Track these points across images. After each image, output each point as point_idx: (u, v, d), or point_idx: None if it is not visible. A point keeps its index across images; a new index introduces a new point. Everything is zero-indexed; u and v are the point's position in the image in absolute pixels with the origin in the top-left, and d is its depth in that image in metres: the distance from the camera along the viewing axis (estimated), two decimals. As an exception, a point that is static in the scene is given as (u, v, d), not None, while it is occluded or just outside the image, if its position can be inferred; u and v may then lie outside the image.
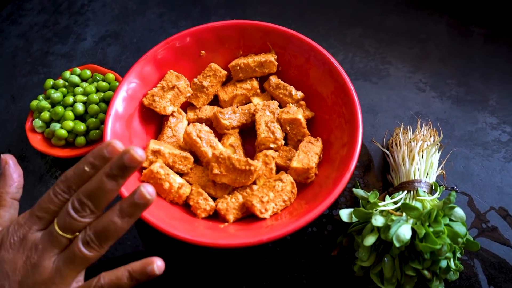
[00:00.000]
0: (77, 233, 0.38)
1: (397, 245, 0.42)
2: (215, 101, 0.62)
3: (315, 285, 0.50)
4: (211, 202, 0.52)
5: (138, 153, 0.35)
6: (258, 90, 0.61)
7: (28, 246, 0.38)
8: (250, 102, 0.60)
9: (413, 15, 0.71)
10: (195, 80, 0.59)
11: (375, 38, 0.69)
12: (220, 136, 0.59)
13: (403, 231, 0.43)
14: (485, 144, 0.59)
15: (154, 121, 0.59)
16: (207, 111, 0.60)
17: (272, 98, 0.60)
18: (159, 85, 0.58)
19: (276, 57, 0.59)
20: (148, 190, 0.36)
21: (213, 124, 0.59)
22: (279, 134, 0.55)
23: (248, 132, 0.59)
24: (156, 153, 0.53)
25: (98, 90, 0.60)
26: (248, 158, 0.51)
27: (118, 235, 0.37)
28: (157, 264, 0.39)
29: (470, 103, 0.62)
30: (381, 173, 0.57)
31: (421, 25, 0.70)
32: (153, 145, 0.53)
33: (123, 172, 0.36)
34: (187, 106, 0.61)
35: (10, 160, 0.45)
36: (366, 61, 0.67)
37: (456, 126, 0.60)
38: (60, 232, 0.37)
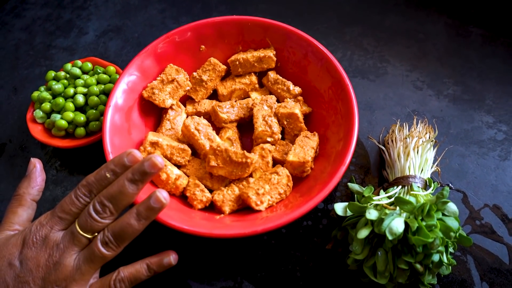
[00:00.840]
0: (96, 234, 0.41)
1: (390, 238, 0.43)
2: (214, 95, 0.63)
3: (309, 278, 0.51)
4: (208, 194, 0.52)
5: (158, 160, 0.41)
6: (257, 85, 0.61)
7: (50, 245, 0.41)
8: (249, 96, 0.61)
9: (412, 15, 0.72)
10: (195, 74, 0.60)
11: (373, 37, 0.70)
12: (218, 129, 0.59)
13: (396, 224, 0.43)
14: (480, 143, 0.59)
15: (153, 113, 0.60)
16: (206, 105, 0.61)
17: (271, 93, 0.61)
18: (158, 78, 0.58)
19: (274, 52, 0.60)
20: (163, 195, 0.41)
21: (212, 117, 0.59)
22: (276, 128, 0.55)
23: (246, 126, 0.60)
24: (155, 144, 0.54)
25: (98, 82, 0.61)
26: (245, 151, 0.51)
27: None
28: (173, 256, 0.45)
29: (466, 102, 0.63)
30: (377, 169, 0.58)
31: (419, 25, 0.71)
32: (152, 137, 0.54)
33: (143, 177, 0.41)
34: (186, 100, 0.62)
35: (38, 165, 0.48)
36: (364, 59, 0.68)
37: (452, 124, 0.61)
38: (81, 232, 0.41)
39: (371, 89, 0.65)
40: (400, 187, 0.50)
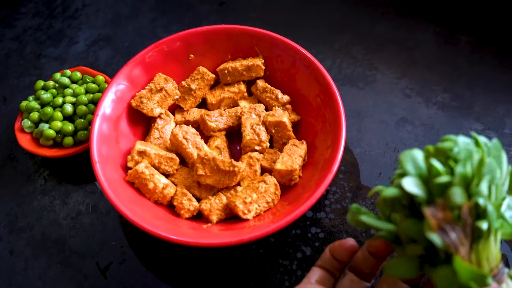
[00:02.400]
0: None
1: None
2: (203, 104, 0.63)
3: None
4: (195, 203, 0.52)
5: None
6: (246, 94, 0.61)
7: None
8: (238, 105, 0.61)
9: (401, 23, 0.72)
10: (183, 83, 0.60)
11: (363, 45, 0.70)
12: (207, 138, 0.59)
13: None
14: (469, 150, 0.59)
15: (142, 122, 0.60)
16: (195, 113, 0.61)
17: (259, 102, 0.61)
18: (147, 87, 0.58)
19: (263, 61, 0.60)
20: None
21: (200, 126, 0.59)
22: (264, 136, 0.55)
23: (235, 135, 0.60)
24: (142, 153, 0.54)
25: (87, 91, 0.61)
26: (232, 160, 0.51)
27: None
28: None
29: (455, 109, 0.63)
30: (366, 178, 0.58)
31: (408, 33, 0.71)
32: (139, 146, 0.54)
33: None
34: (175, 109, 0.62)
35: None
36: (354, 67, 0.68)
37: (441, 131, 0.61)
38: None
39: (360, 97, 0.65)
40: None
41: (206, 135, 0.59)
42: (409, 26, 0.72)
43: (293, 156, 0.53)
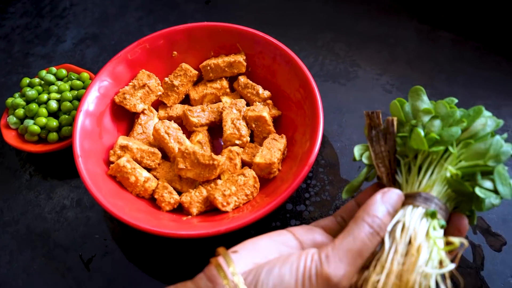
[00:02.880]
0: None
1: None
2: (187, 100, 0.64)
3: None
4: (176, 196, 0.53)
5: None
6: (228, 90, 0.62)
7: None
8: (220, 101, 0.62)
9: (383, 20, 0.74)
10: (166, 79, 0.61)
11: (345, 42, 0.71)
12: (190, 133, 0.60)
13: None
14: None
15: (125, 118, 0.61)
16: (178, 109, 0.62)
17: (241, 97, 0.62)
18: (130, 83, 0.59)
19: (244, 57, 0.61)
20: None
21: (183, 122, 0.60)
22: (244, 131, 0.56)
23: (217, 130, 0.61)
24: (124, 148, 0.55)
25: (72, 88, 0.62)
26: (212, 153, 0.52)
27: None
28: None
29: (434, 105, 0.64)
30: (346, 172, 0.59)
31: (390, 30, 0.72)
32: (122, 140, 0.55)
33: None
34: (159, 105, 0.63)
35: None
36: (336, 64, 0.69)
37: (420, 126, 0.62)
38: None
39: (342, 92, 0.66)
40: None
41: (188, 130, 0.60)
42: (391, 23, 0.73)
43: (272, 150, 0.54)
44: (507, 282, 0.49)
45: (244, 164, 0.57)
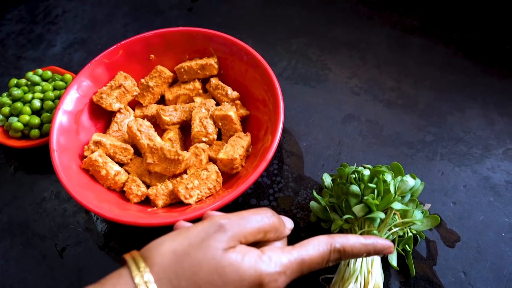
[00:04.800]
0: None
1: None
2: (162, 100, 0.67)
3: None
4: (143, 188, 0.56)
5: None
6: (201, 91, 0.66)
7: None
8: (193, 101, 0.66)
9: (357, 27, 0.76)
10: (142, 80, 0.65)
11: (318, 47, 0.74)
12: (163, 132, 0.64)
13: None
14: (410, 144, 0.62)
15: (103, 117, 0.65)
16: (153, 109, 0.65)
17: (213, 98, 0.65)
18: (108, 84, 0.63)
19: (216, 60, 0.65)
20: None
21: (157, 120, 0.64)
22: (211, 129, 0.60)
23: (189, 129, 0.64)
24: (98, 143, 0.58)
25: (55, 88, 0.66)
26: (178, 149, 0.56)
27: None
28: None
29: (400, 107, 0.66)
30: (310, 170, 0.61)
31: (363, 36, 0.75)
32: (96, 136, 0.59)
33: None
34: (136, 104, 0.67)
35: None
36: (308, 67, 0.72)
37: (385, 127, 0.64)
38: None
39: (311, 94, 0.69)
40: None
41: (162, 128, 0.63)
42: (364, 29, 0.76)
43: (235, 147, 0.57)
44: (458, 277, 0.51)
45: (211, 160, 0.60)
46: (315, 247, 0.38)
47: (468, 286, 0.50)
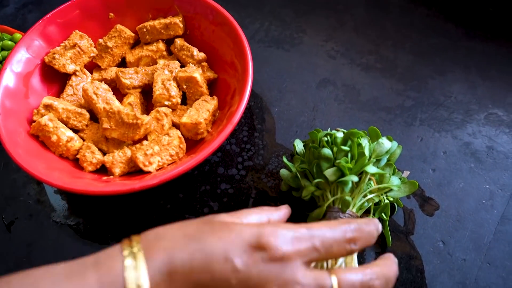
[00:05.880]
0: None
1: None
2: (124, 64, 0.62)
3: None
4: (99, 156, 0.51)
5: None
6: (165, 53, 0.61)
7: None
8: (157, 64, 0.60)
9: (334, -13, 0.72)
10: (100, 40, 0.59)
11: (293, 8, 0.69)
12: (124, 96, 0.59)
13: None
14: (388, 109, 0.59)
15: (57, 81, 0.59)
16: (113, 72, 0.60)
17: (178, 60, 0.60)
18: (62, 44, 0.58)
19: (181, 19, 0.60)
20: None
21: (117, 84, 0.59)
22: (174, 92, 0.55)
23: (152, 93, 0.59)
24: (49, 107, 0.53)
25: (3, 49, 0.60)
26: (137, 113, 0.51)
27: None
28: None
29: (378, 71, 0.62)
30: (281, 136, 0.57)
31: (340, -3, 0.70)
32: (46, 99, 0.53)
33: None
34: (95, 67, 0.61)
35: None
36: (282, 30, 0.67)
37: (362, 91, 0.60)
38: None
39: (285, 58, 0.64)
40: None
41: (122, 93, 0.58)
42: (341, -10, 0.71)
43: (200, 111, 0.53)
44: (437, 247, 0.48)
45: (175, 126, 0.55)
46: None
47: (447, 256, 0.47)
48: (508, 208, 0.50)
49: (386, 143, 0.45)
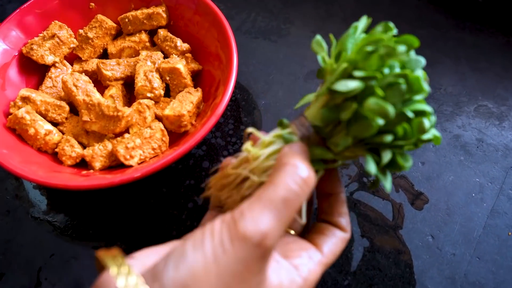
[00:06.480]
0: None
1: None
2: (106, 55, 0.60)
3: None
4: (78, 149, 0.50)
5: None
6: (148, 44, 0.59)
7: None
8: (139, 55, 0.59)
9: (322, -22, 0.70)
10: (81, 31, 0.58)
11: (280, -1, 0.68)
12: (105, 89, 0.57)
13: None
14: (377, 102, 0.57)
15: (36, 73, 0.57)
16: (94, 64, 0.58)
17: (161, 52, 0.59)
18: (40, 34, 0.56)
19: (165, 9, 0.58)
20: None
21: (98, 76, 0.57)
22: (157, 83, 0.53)
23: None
24: (26, 99, 0.51)
25: (-21, 40, 0.58)
26: (118, 105, 0.49)
27: None
28: None
29: (367, 62, 0.61)
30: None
31: (329, -12, 0.69)
32: (24, 91, 0.51)
33: None
34: (75, 59, 0.59)
35: None
36: (269, 21, 0.66)
37: (350, 84, 0.59)
38: None
39: (272, 50, 0.63)
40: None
41: (104, 85, 0.56)
42: (330, -19, 0.70)
43: (183, 102, 0.51)
44: (426, 241, 0.47)
45: (158, 119, 0.53)
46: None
47: (436, 250, 0.46)
48: (497, 201, 0.49)
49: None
